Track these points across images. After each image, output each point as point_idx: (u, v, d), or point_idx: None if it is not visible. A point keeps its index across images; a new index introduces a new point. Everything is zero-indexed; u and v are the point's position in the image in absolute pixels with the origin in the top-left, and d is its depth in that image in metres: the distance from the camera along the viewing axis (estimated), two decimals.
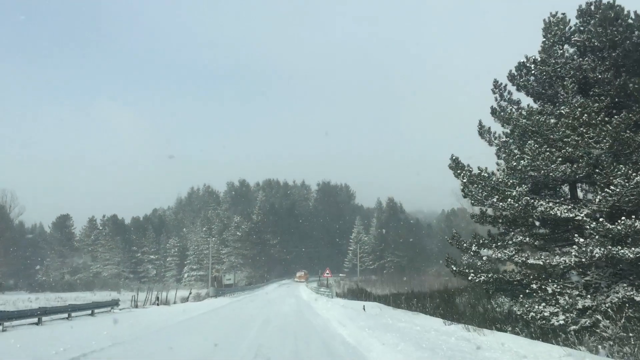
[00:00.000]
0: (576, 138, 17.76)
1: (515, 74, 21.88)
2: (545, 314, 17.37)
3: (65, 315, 21.67)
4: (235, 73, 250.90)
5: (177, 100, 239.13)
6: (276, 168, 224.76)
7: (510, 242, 20.59)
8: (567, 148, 17.88)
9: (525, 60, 21.30)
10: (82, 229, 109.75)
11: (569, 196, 20.03)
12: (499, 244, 20.94)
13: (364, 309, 24.15)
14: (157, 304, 33.65)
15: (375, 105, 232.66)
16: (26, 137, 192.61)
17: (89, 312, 24.28)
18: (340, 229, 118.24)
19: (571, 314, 17.13)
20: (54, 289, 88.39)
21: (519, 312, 18.50)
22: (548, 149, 18.23)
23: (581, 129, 17.72)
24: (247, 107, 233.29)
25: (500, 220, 22.06)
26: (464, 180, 21.31)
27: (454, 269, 21.29)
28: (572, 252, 17.19)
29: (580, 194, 20.43)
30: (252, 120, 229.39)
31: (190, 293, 42.83)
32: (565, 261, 17.33)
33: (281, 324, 19.29)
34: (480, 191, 21.26)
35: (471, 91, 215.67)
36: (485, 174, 21.32)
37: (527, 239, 19.90)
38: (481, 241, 21.84)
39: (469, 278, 20.67)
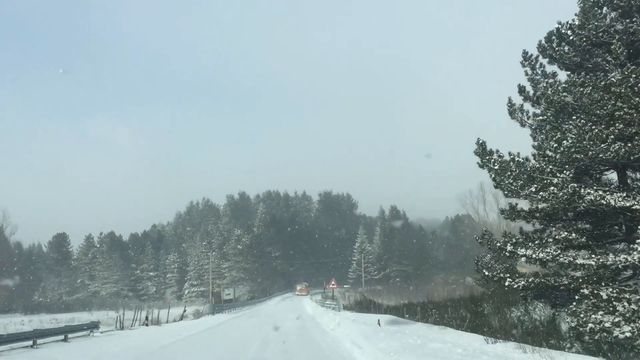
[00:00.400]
0: (629, 111, 14.51)
1: (546, 45, 18.58)
2: (606, 324, 14.03)
3: (30, 342, 18.27)
4: (232, 85, 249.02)
5: (174, 115, 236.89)
6: (276, 179, 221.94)
7: (549, 239, 17.34)
8: (618, 124, 14.64)
9: (559, 27, 17.98)
10: (79, 247, 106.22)
11: (617, 183, 16.76)
12: (536, 242, 17.68)
13: (379, 324, 20.70)
14: (147, 324, 30.16)
15: (375, 114, 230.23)
16: (21, 156, 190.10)
17: (62, 337, 20.86)
18: (343, 239, 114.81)
19: (636, 324, 13.81)
20: (51, 310, 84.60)
21: (573, 324, 15.09)
22: (595, 127, 14.99)
23: (636, 99, 14.47)
24: (245, 119, 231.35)
25: (538, 215, 18.77)
26: (495, 168, 18.03)
27: (486, 273, 17.92)
28: (636, 248, 13.87)
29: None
30: (251, 132, 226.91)
31: (184, 310, 39.23)
32: (627, 259, 14.04)
33: (282, 346, 15.92)
34: (513, 181, 18.02)
35: (475, 98, 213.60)
36: (520, 159, 18.01)
37: (573, 234, 16.61)
38: (514, 240, 18.59)
39: (506, 284, 17.32)
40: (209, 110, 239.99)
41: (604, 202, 14.81)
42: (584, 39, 16.97)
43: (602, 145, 14.55)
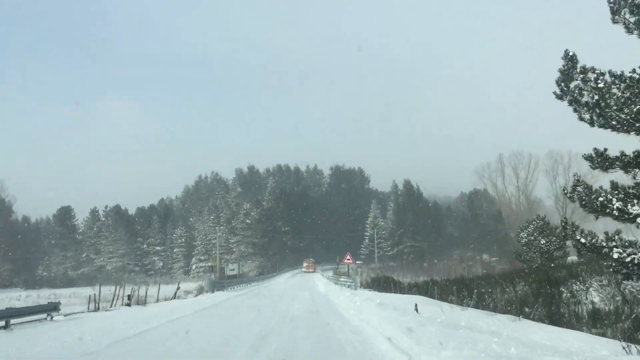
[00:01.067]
0: None
1: None
2: None
3: None
4: (242, 58, 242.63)
5: (182, 91, 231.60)
6: (287, 153, 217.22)
7: None
8: None
9: None
10: (84, 220, 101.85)
11: None
12: None
13: (417, 310, 15.17)
14: (129, 304, 24.96)
15: (387, 88, 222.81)
16: (28, 130, 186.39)
17: (2, 323, 15.66)
18: (355, 215, 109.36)
19: None
20: (53, 284, 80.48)
21: None
22: None
23: None
24: (254, 93, 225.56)
25: None
26: (599, 86, 12.19)
27: (582, 241, 12.20)
28: None
29: None
30: (261, 107, 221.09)
31: (178, 288, 34.10)
32: None
33: (284, 346, 10.44)
34: (623, 107, 12.35)
35: (490, 66, 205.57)
36: (635, 76, 12.19)
37: None
38: (615, 193, 12.99)
39: (614, 256, 11.66)
40: (217, 86, 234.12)
41: None
42: None
43: None
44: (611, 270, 14.41)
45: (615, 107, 11.83)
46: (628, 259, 11.20)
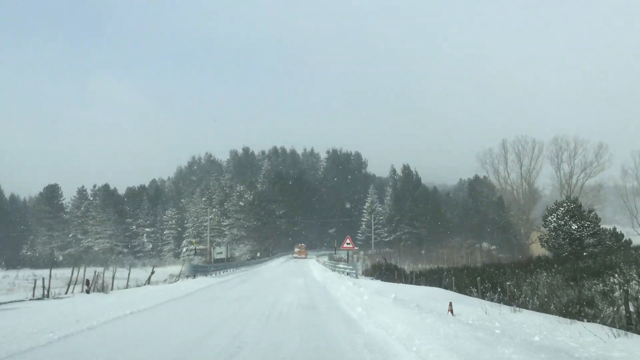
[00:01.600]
0: None
1: None
2: None
3: None
4: (240, 40, 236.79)
5: (177, 69, 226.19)
6: (283, 136, 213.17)
7: None
8: None
9: None
10: (71, 199, 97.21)
11: None
12: None
13: (452, 312, 10.87)
14: (87, 291, 20.67)
15: (387, 69, 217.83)
16: (19, 107, 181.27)
17: None
18: (352, 199, 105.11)
19: None
20: (36, 265, 76.10)
21: None
22: None
23: None
24: (252, 74, 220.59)
25: None
26: None
27: None
28: None
29: None
30: (257, 88, 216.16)
31: (152, 272, 29.68)
32: None
33: None
34: None
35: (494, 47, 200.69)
36: None
37: None
38: None
39: None
40: (214, 66, 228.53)
41: None
42: None
43: None
44: None
45: None
46: None
